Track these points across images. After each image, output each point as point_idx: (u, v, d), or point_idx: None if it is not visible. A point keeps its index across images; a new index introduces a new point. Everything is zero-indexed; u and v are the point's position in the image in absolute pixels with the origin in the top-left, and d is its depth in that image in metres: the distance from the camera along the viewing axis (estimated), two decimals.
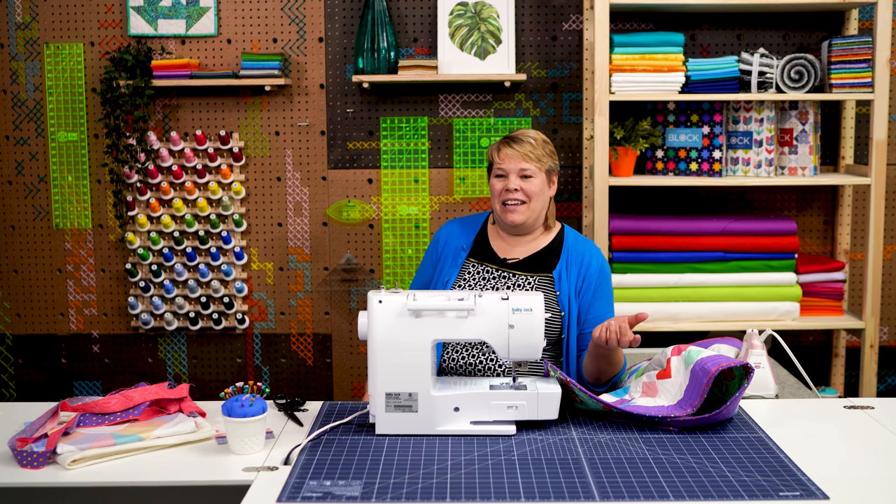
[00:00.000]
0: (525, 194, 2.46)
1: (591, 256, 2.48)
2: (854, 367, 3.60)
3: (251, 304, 3.65)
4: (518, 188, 2.46)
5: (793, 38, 3.49)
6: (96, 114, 3.56)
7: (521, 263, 2.48)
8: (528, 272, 2.46)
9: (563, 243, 2.51)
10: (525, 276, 2.45)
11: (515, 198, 2.46)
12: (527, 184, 2.46)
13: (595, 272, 2.46)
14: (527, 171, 2.45)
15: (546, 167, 2.48)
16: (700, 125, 3.30)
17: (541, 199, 2.48)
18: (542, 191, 2.48)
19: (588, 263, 2.46)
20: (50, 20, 3.53)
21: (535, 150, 2.46)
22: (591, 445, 1.91)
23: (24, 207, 3.63)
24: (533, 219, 2.49)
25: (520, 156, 2.46)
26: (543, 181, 2.48)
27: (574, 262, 2.46)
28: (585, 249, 2.49)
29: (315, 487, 1.71)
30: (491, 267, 2.49)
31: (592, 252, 2.49)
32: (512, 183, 2.46)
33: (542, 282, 2.45)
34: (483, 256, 2.52)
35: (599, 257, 2.49)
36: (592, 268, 2.46)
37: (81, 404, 2.00)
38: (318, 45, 3.53)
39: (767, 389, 2.38)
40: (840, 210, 3.55)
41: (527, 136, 2.49)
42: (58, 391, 3.71)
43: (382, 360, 1.99)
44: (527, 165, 2.45)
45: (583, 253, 2.48)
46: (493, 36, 3.44)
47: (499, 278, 2.47)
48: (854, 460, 1.86)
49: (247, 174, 3.60)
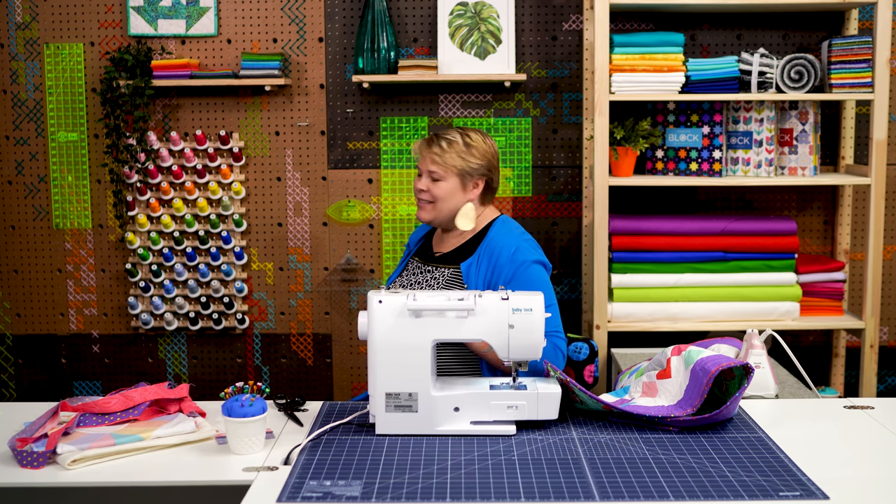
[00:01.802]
0: (431, 195, 2.51)
1: (502, 248, 2.44)
2: (854, 367, 3.60)
3: (251, 304, 3.65)
4: (426, 188, 2.51)
5: (793, 38, 3.49)
6: (96, 114, 3.56)
7: (443, 256, 2.54)
8: (445, 265, 2.51)
9: (484, 237, 2.51)
10: (442, 269, 2.50)
11: (423, 198, 2.52)
12: (434, 186, 2.50)
13: (505, 262, 2.42)
14: (434, 173, 2.50)
15: (459, 171, 2.48)
16: (700, 125, 3.30)
17: (450, 201, 2.50)
18: (452, 194, 2.50)
19: (497, 255, 2.43)
20: (50, 20, 3.53)
21: (444, 155, 2.48)
22: (591, 445, 1.91)
23: (24, 207, 3.63)
24: (442, 218, 2.53)
25: (429, 157, 2.50)
26: (455, 185, 2.50)
27: (486, 254, 2.46)
28: (499, 242, 2.46)
29: (315, 487, 1.71)
30: (422, 263, 2.57)
31: (504, 244, 2.45)
32: (421, 183, 2.52)
33: (454, 274, 2.48)
34: (422, 254, 2.61)
35: (510, 248, 2.43)
36: (502, 258, 2.42)
37: (81, 404, 2.00)
38: (318, 45, 3.53)
39: (767, 389, 2.38)
40: (840, 210, 3.55)
41: (443, 138, 2.51)
42: (58, 391, 3.71)
43: (382, 360, 1.99)
44: (434, 168, 2.49)
45: (495, 245, 2.46)
46: (493, 36, 3.44)
47: (423, 272, 2.54)
48: (854, 460, 1.86)
49: (247, 174, 3.60)
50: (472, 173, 2.50)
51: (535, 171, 3.57)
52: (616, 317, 3.27)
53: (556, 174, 3.57)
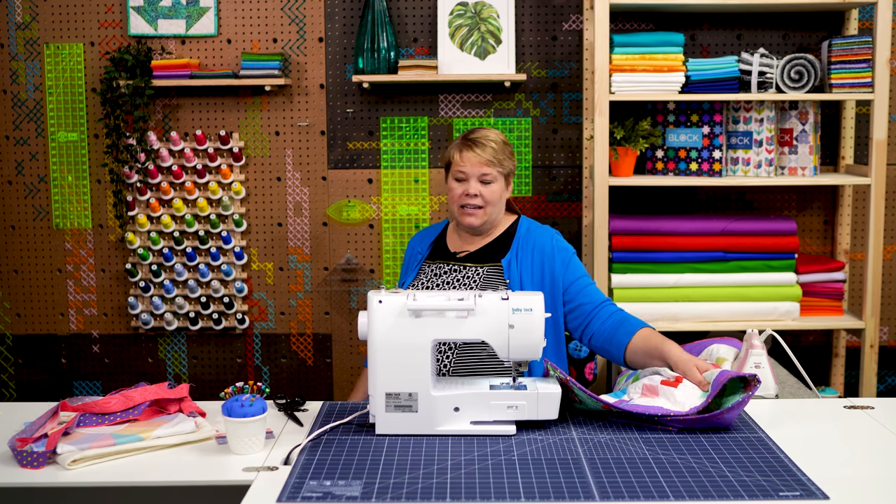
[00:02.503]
0: (484, 199, 2.44)
1: (543, 239, 2.45)
2: (854, 367, 3.60)
3: (251, 304, 3.65)
4: (478, 193, 2.43)
5: (793, 38, 3.49)
6: (96, 114, 3.56)
7: (471, 255, 2.49)
8: (477, 263, 2.46)
9: (516, 233, 2.50)
10: (475, 267, 2.45)
11: (474, 203, 2.44)
12: (486, 189, 2.44)
13: (551, 250, 2.43)
14: (487, 176, 2.44)
15: (506, 171, 2.47)
16: (700, 125, 3.30)
17: (499, 203, 2.48)
18: (501, 195, 2.48)
19: (541, 247, 2.44)
20: (50, 20, 3.53)
21: (496, 155, 2.43)
22: (591, 445, 1.91)
23: (24, 207, 3.63)
24: (490, 221, 2.49)
25: (482, 160, 2.43)
26: (503, 186, 2.48)
27: (526, 250, 2.45)
28: (538, 235, 2.47)
29: (315, 487, 1.71)
30: (443, 263, 2.50)
31: (544, 235, 2.47)
32: (472, 188, 2.44)
33: (492, 271, 2.44)
34: (438, 255, 2.54)
35: (551, 238, 2.46)
36: (546, 248, 2.43)
37: (81, 404, 2.00)
38: (318, 45, 3.53)
39: (767, 389, 2.38)
40: (840, 210, 3.55)
41: (488, 140, 2.45)
42: (58, 391, 3.71)
43: (382, 360, 1.99)
44: (488, 171, 2.43)
45: (535, 239, 2.46)
46: (493, 36, 3.44)
47: (450, 272, 2.47)
48: (854, 460, 1.86)
49: (247, 174, 3.60)
50: (511, 172, 2.51)
51: (535, 171, 3.57)
52: None
53: (556, 174, 3.57)
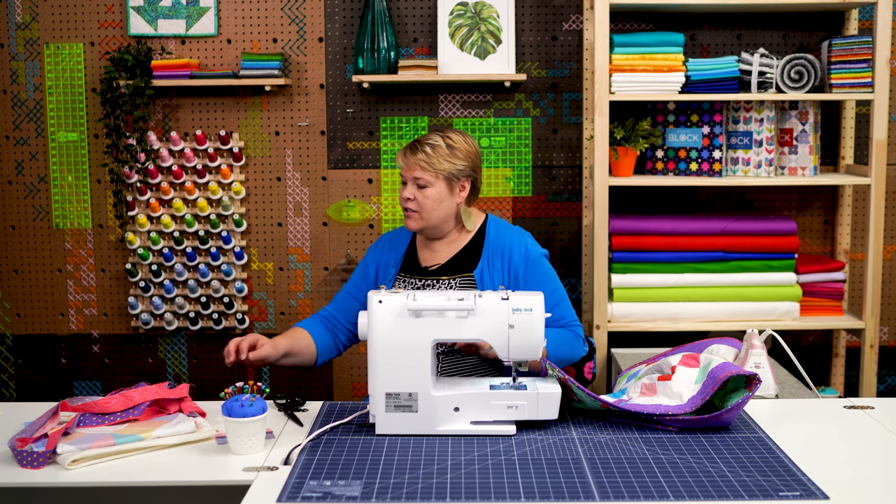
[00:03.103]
0: (417, 204, 2.44)
1: (512, 246, 2.44)
2: (854, 367, 3.60)
3: (251, 304, 3.65)
4: (411, 197, 2.44)
5: (793, 38, 3.49)
6: (96, 114, 3.56)
7: (442, 268, 2.48)
8: (449, 275, 2.46)
9: (485, 239, 2.48)
10: (447, 280, 2.45)
11: (410, 207, 2.45)
12: (420, 193, 2.43)
13: (519, 259, 2.42)
14: (420, 180, 2.43)
15: (446, 174, 2.43)
16: (700, 125, 3.30)
17: (438, 208, 2.45)
18: (440, 200, 2.44)
19: (510, 254, 2.43)
20: (50, 20, 3.53)
21: (430, 159, 2.42)
22: (591, 445, 1.91)
23: (24, 207, 3.63)
24: (432, 226, 2.47)
25: (414, 164, 2.43)
26: (443, 190, 2.44)
27: (496, 256, 2.44)
28: (506, 240, 2.45)
29: (315, 487, 1.71)
30: (416, 279, 2.49)
31: (513, 241, 2.45)
32: (407, 191, 2.45)
33: (464, 282, 2.44)
34: (410, 268, 2.52)
35: (521, 244, 2.45)
36: (515, 256, 2.42)
37: (81, 404, 2.00)
38: (318, 45, 3.53)
39: (767, 389, 2.38)
40: (840, 210, 3.55)
41: (427, 143, 2.45)
42: (58, 391, 3.71)
43: (382, 360, 1.99)
44: (420, 175, 2.43)
45: (503, 244, 2.44)
46: (493, 36, 3.44)
47: (423, 287, 2.46)
48: (854, 460, 1.86)
49: (247, 174, 3.60)
50: (458, 175, 2.45)
51: (535, 171, 3.57)
52: (616, 317, 3.27)
53: (556, 174, 3.57)
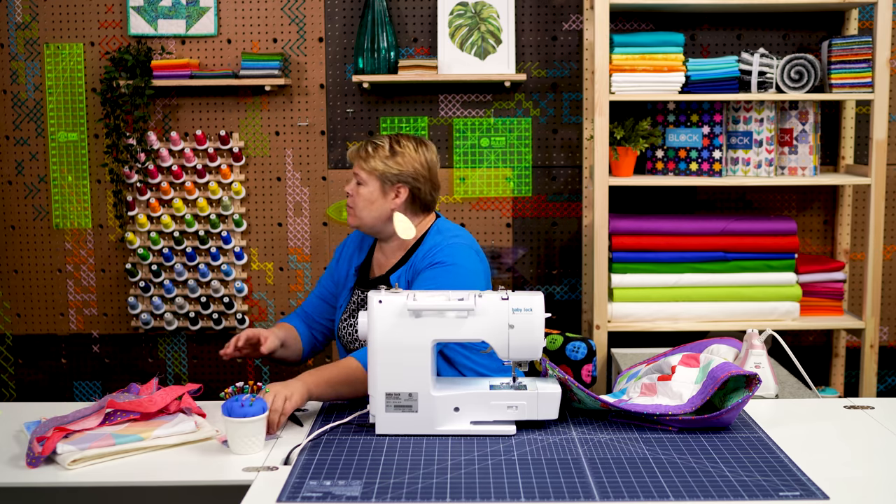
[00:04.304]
0: (352, 199, 2.45)
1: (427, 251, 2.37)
2: (854, 367, 3.60)
3: (251, 304, 3.65)
4: (349, 192, 2.46)
5: (793, 38, 3.49)
6: (96, 114, 3.56)
7: (381, 278, 2.46)
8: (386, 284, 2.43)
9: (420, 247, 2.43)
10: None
11: (348, 202, 2.46)
12: (356, 190, 2.44)
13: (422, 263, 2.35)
14: (358, 177, 2.43)
15: (379, 175, 2.40)
16: (700, 125, 3.30)
17: (370, 208, 2.41)
18: (372, 200, 2.41)
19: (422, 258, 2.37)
20: (50, 20, 3.53)
21: (367, 158, 2.41)
22: (591, 445, 1.91)
23: (24, 207, 3.63)
24: (367, 225, 2.44)
25: (356, 160, 2.45)
26: (376, 190, 2.41)
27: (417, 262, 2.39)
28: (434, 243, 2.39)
29: (315, 487, 1.71)
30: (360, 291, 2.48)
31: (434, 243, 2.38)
32: (349, 186, 2.46)
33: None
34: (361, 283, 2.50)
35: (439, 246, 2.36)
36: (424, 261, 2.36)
37: (127, 402, 1.98)
38: (318, 45, 3.53)
39: (767, 389, 2.38)
40: (840, 210, 3.55)
41: (372, 143, 2.44)
42: (58, 391, 3.71)
43: (382, 360, 1.99)
44: (357, 171, 2.44)
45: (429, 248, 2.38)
46: (493, 36, 3.44)
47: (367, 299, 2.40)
48: (854, 460, 1.86)
49: (247, 174, 3.60)
50: (391, 179, 2.40)
51: (535, 171, 3.57)
52: (616, 317, 3.27)
53: (556, 174, 3.57)
